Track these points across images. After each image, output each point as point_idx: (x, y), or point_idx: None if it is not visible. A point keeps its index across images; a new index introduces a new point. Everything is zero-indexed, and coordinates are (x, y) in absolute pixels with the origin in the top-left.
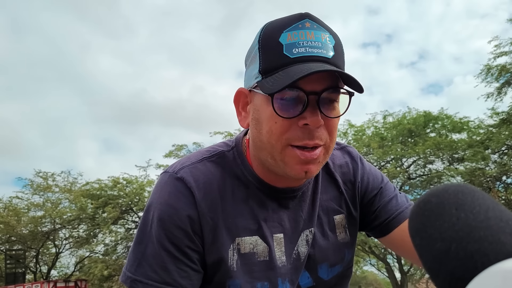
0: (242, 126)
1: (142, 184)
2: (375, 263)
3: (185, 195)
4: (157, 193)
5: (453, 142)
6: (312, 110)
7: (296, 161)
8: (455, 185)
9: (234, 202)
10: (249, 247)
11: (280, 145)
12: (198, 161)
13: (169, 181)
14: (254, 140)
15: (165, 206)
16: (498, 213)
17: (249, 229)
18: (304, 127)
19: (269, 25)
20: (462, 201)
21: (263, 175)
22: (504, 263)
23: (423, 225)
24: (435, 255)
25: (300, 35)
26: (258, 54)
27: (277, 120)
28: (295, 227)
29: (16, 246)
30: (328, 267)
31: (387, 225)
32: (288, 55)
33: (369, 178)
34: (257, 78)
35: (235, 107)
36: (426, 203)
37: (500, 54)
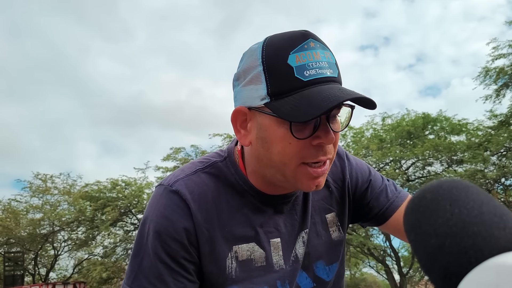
0: (243, 144)
1: (140, 186)
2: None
3: (181, 207)
4: (152, 206)
5: (452, 144)
6: (324, 128)
7: (308, 177)
8: (450, 181)
9: (229, 211)
10: (246, 254)
11: (294, 164)
12: (192, 173)
13: (164, 194)
14: (260, 158)
15: (161, 219)
16: (492, 208)
17: (245, 237)
18: (317, 145)
19: (270, 44)
20: (456, 196)
21: (257, 184)
22: (498, 258)
23: (418, 221)
24: (429, 251)
25: (308, 56)
26: (263, 76)
27: (291, 141)
28: (291, 230)
29: (14, 248)
30: (324, 265)
31: (382, 215)
32: (301, 78)
33: (358, 173)
34: (264, 100)
35: (232, 125)
36: (420, 199)
37: (498, 56)
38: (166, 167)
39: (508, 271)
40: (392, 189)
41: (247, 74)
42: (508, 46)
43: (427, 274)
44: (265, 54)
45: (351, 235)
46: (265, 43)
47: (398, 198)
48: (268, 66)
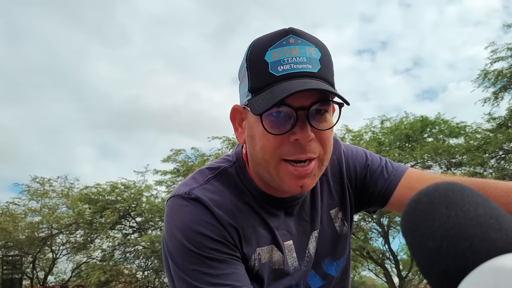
0: (239, 142)
1: (140, 189)
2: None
3: (206, 212)
4: (175, 219)
5: (451, 147)
6: (301, 125)
7: (290, 176)
8: (446, 184)
9: (248, 214)
10: (267, 256)
11: (274, 161)
12: (205, 181)
13: (184, 203)
14: (251, 155)
15: (190, 228)
16: (488, 210)
17: (266, 239)
18: (295, 142)
19: (255, 43)
20: (452, 199)
21: (264, 187)
22: (495, 260)
23: (415, 224)
24: (427, 254)
25: (284, 51)
26: (247, 73)
27: (268, 137)
28: (302, 232)
29: (12, 251)
30: (331, 261)
31: (383, 196)
32: (274, 73)
33: (355, 161)
34: (248, 97)
35: (232, 124)
36: (417, 202)
37: (497, 59)
38: (164, 170)
39: (506, 273)
40: (389, 167)
41: (240, 73)
42: (507, 49)
43: (425, 277)
44: (249, 52)
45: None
46: (252, 42)
47: (396, 176)
48: (250, 63)
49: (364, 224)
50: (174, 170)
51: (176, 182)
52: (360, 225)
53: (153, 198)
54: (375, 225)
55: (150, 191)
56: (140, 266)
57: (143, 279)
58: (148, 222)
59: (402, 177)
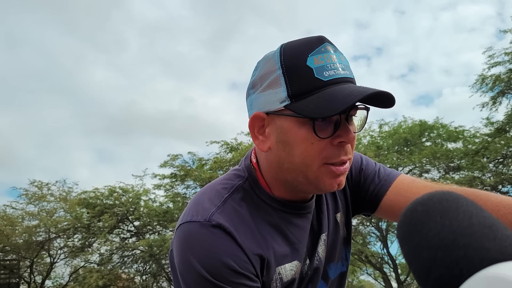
0: (261, 150)
1: (138, 193)
2: (372, 273)
3: (229, 240)
4: (195, 247)
5: (449, 151)
6: (344, 127)
7: (331, 176)
8: (440, 193)
9: (267, 233)
10: (290, 274)
11: (316, 165)
12: (222, 203)
13: (205, 231)
14: (281, 162)
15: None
16: (482, 219)
17: (286, 256)
18: (339, 145)
19: (288, 49)
20: (446, 208)
21: (282, 195)
22: (489, 270)
23: (410, 234)
24: (422, 263)
25: (325, 58)
26: (283, 79)
27: (313, 141)
28: (313, 237)
29: (10, 256)
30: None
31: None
32: (321, 79)
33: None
34: (284, 102)
35: (250, 132)
36: (412, 211)
37: (494, 64)
38: (163, 175)
39: (499, 282)
40: (381, 172)
41: (265, 80)
42: (504, 54)
43: (421, 286)
44: (283, 58)
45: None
46: (282, 48)
47: (386, 181)
48: (287, 68)
49: (363, 228)
50: (172, 175)
51: (174, 186)
52: (358, 229)
53: (151, 202)
54: (374, 229)
55: (148, 195)
56: (138, 271)
57: (141, 283)
58: (146, 226)
59: (393, 183)
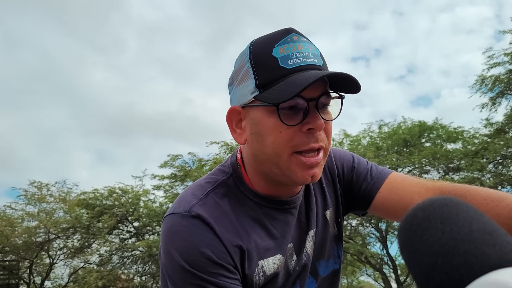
0: (239, 143)
1: (137, 194)
2: (372, 273)
3: (207, 231)
4: (175, 238)
5: (449, 152)
6: (313, 114)
7: (302, 167)
8: (441, 199)
9: (249, 227)
10: (273, 267)
11: (286, 154)
12: (204, 196)
13: (184, 221)
14: (256, 153)
15: (191, 248)
16: (482, 225)
17: (270, 249)
18: (308, 132)
19: (256, 42)
20: (447, 214)
21: (265, 190)
22: (489, 276)
23: (411, 240)
24: (423, 269)
25: (291, 47)
26: (251, 71)
27: (281, 130)
28: (300, 233)
29: (9, 256)
30: (325, 262)
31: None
32: (285, 67)
33: (342, 164)
34: (254, 93)
35: (228, 126)
36: (413, 217)
37: (494, 65)
38: (162, 175)
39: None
40: (374, 170)
41: (239, 75)
42: (503, 54)
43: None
44: (252, 51)
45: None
46: (252, 43)
47: (379, 179)
48: (255, 60)
49: (362, 229)
50: (171, 175)
51: (174, 186)
52: (358, 230)
53: (151, 202)
54: (373, 230)
55: (147, 195)
56: (137, 271)
57: (141, 284)
58: (145, 227)
59: (385, 180)
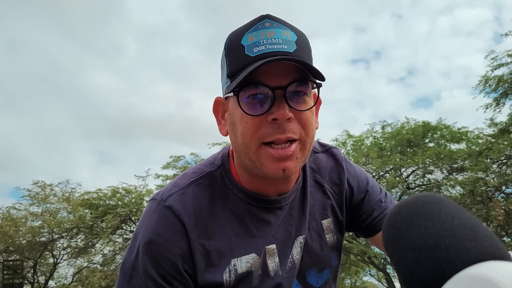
0: (222, 135)
1: (140, 194)
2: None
3: (174, 224)
4: (145, 222)
5: (452, 152)
6: (279, 104)
7: (271, 159)
8: (424, 196)
9: (226, 222)
10: (246, 266)
11: (254, 145)
12: (186, 185)
13: (157, 209)
14: (233, 145)
15: (153, 236)
16: (463, 221)
17: (244, 248)
18: (273, 123)
19: (233, 31)
20: (429, 211)
21: (251, 185)
22: (470, 269)
23: (395, 236)
24: (406, 265)
25: (260, 34)
26: (225, 60)
27: (247, 120)
28: (287, 236)
29: (13, 256)
30: (316, 272)
31: (374, 226)
32: (250, 55)
33: (356, 182)
34: (227, 83)
35: (215, 117)
36: (396, 214)
37: (498, 65)
38: (166, 175)
39: (480, 282)
40: (387, 201)
41: (220, 65)
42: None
43: (406, 287)
44: (228, 40)
45: (352, 243)
46: (231, 32)
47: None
48: (228, 50)
49: None
50: (174, 176)
51: None
52: None
53: None
54: None
55: (151, 195)
56: None
57: None
58: None
59: None
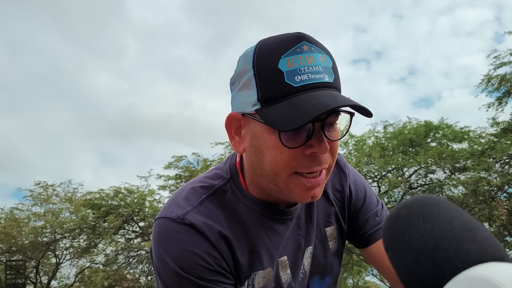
0: (237, 151)
1: (143, 194)
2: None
3: (202, 239)
4: (168, 243)
5: (455, 152)
6: (318, 137)
7: (302, 188)
8: (423, 197)
9: (244, 237)
10: (262, 281)
11: (285, 174)
12: (199, 203)
13: (177, 228)
14: (253, 166)
15: (186, 256)
16: (462, 222)
17: (261, 262)
18: (310, 155)
19: (262, 48)
20: (428, 212)
21: (262, 197)
22: (469, 271)
23: (394, 238)
24: (406, 267)
25: (300, 60)
26: (254, 81)
27: (282, 150)
28: (296, 247)
29: (16, 256)
30: (319, 279)
31: (367, 238)
32: (291, 84)
33: (355, 190)
34: (255, 106)
35: (227, 132)
36: (396, 216)
37: (500, 64)
38: (168, 175)
39: (479, 283)
40: (383, 215)
41: (241, 79)
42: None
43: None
44: (256, 58)
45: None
46: (257, 46)
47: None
48: (259, 71)
49: None
50: (176, 176)
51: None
52: None
53: (156, 203)
54: None
55: (153, 195)
56: (143, 271)
57: (146, 284)
58: (151, 227)
59: None
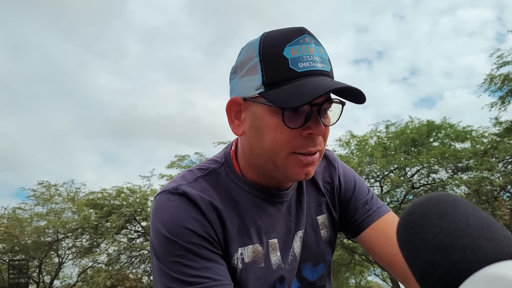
0: (236, 134)
1: (145, 194)
2: (380, 273)
3: (192, 207)
4: (161, 212)
5: (457, 151)
6: (315, 120)
7: (299, 165)
8: (438, 195)
9: (234, 212)
10: (251, 256)
11: (284, 153)
12: (194, 180)
13: (171, 197)
14: (253, 147)
15: (176, 220)
16: (479, 220)
17: (250, 238)
18: (308, 136)
19: (267, 37)
20: (444, 210)
21: (256, 180)
22: (487, 269)
23: (409, 237)
24: (422, 266)
25: (302, 49)
26: (260, 66)
27: (283, 130)
28: (286, 231)
29: (19, 256)
30: (311, 266)
31: (357, 226)
32: (295, 69)
33: (345, 181)
34: (259, 90)
35: (227, 116)
36: (410, 214)
37: (503, 64)
38: (170, 175)
39: (497, 281)
40: (373, 202)
41: (244, 66)
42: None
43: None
44: (262, 46)
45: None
46: (262, 36)
47: (376, 213)
48: (265, 57)
49: None
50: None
51: None
52: None
53: None
54: None
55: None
56: (145, 271)
57: (149, 283)
58: None
59: (381, 217)
